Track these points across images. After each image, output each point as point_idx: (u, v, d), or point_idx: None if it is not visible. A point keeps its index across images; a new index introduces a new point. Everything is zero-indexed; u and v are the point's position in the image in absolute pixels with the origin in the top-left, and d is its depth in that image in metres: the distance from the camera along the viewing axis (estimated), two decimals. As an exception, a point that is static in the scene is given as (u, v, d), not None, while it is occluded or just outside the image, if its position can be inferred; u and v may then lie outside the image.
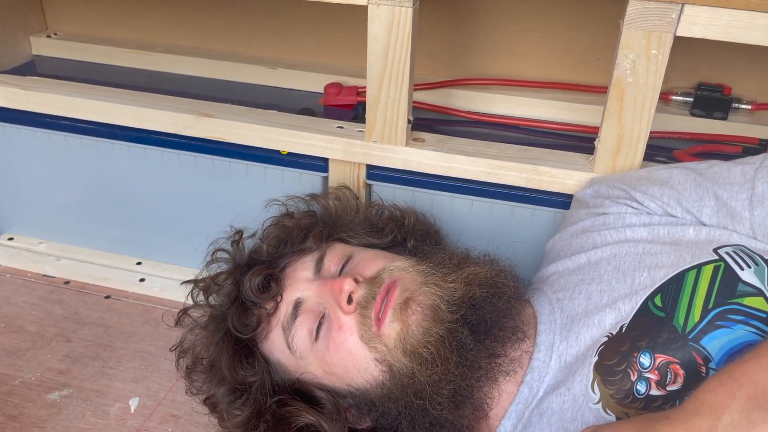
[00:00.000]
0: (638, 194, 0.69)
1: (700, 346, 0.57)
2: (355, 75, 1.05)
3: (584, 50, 1.01)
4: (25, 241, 1.10)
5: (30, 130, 0.99)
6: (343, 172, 0.89)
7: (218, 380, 0.73)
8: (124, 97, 0.94)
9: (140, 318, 0.98)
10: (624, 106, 0.75)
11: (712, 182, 0.66)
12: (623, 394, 0.59)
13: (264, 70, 1.09)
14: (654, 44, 0.71)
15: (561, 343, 0.65)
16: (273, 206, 0.86)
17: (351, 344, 0.66)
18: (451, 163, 0.84)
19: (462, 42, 1.05)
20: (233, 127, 0.89)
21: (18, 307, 0.99)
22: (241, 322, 0.72)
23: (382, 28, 0.77)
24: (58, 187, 1.04)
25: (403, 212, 0.84)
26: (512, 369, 0.66)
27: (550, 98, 1.00)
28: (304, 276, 0.72)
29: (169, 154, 0.95)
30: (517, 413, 0.65)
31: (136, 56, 1.13)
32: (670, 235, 0.66)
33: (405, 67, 0.79)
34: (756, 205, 0.63)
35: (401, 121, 0.83)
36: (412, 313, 0.64)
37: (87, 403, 0.84)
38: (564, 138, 0.96)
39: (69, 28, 1.21)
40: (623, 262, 0.66)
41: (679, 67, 0.99)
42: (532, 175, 0.82)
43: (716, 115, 0.96)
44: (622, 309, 0.62)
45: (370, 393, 0.66)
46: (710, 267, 0.61)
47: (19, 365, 0.88)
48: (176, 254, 1.05)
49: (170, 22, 1.16)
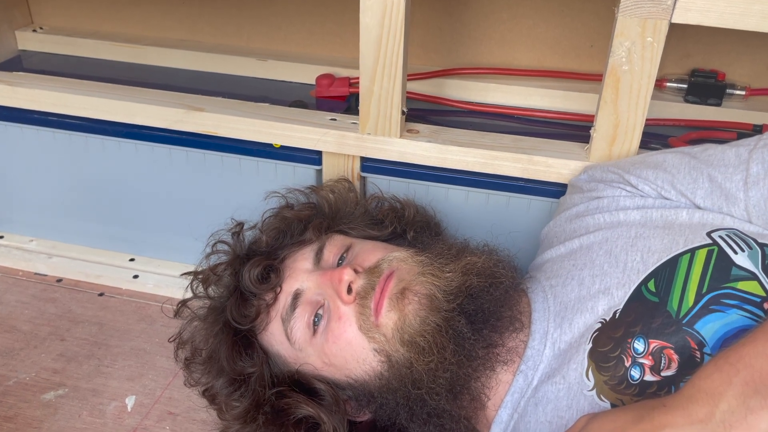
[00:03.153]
0: (632, 177, 0.69)
1: (694, 330, 0.57)
2: (346, 66, 1.04)
3: (577, 37, 1.00)
4: (15, 239, 1.09)
5: (17, 126, 0.98)
6: (337, 165, 0.89)
7: (217, 371, 0.72)
8: (113, 92, 0.93)
9: (134, 315, 0.97)
10: (619, 94, 0.74)
11: (706, 164, 0.66)
12: (617, 380, 0.58)
13: (254, 62, 1.08)
14: (649, 31, 0.70)
15: (555, 330, 0.64)
16: (269, 200, 0.84)
17: (350, 335, 0.65)
18: (445, 154, 0.83)
19: (454, 30, 1.04)
20: (224, 121, 0.88)
21: (10, 307, 0.97)
22: (239, 312, 0.71)
23: (375, 19, 0.76)
24: (48, 184, 1.03)
25: (403, 204, 0.84)
26: (509, 359, 0.65)
27: (544, 86, 1.00)
28: (303, 267, 0.71)
29: (160, 149, 0.94)
30: (513, 402, 0.65)
31: (123, 50, 1.12)
32: (663, 218, 0.65)
33: (398, 58, 0.78)
34: (751, 186, 0.62)
35: (395, 112, 0.82)
36: (408, 303, 0.64)
37: (83, 402, 0.83)
38: (559, 127, 0.95)
39: (55, 21, 1.19)
40: (615, 245, 0.65)
41: (673, 54, 0.98)
42: (527, 165, 0.81)
43: (710, 102, 0.96)
44: (615, 294, 0.62)
45: (369, 384, 0.66)
46: (704, 251, 0.60)
47: (13, 365, 0.88)
48: (170, 250, 1.04)
49: (157, 13, 1.14)
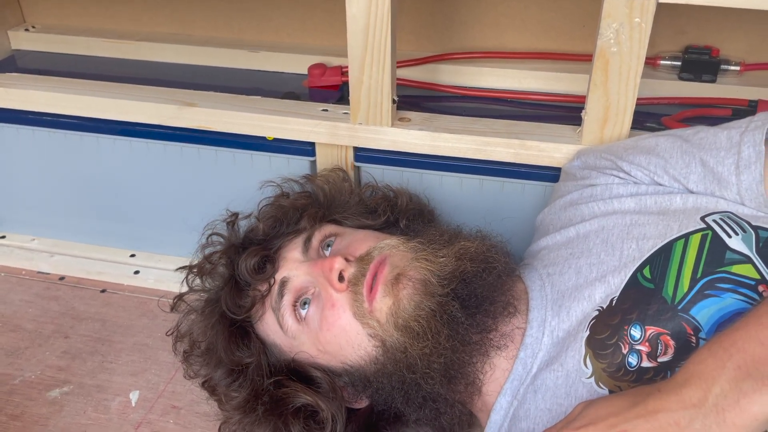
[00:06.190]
0: (625, 164, 0.69)
1: (690, 316, 0.57)
2: (338, 54, 1.03)
3: (569, 18, 0.99)
4: (17, 238, 1.10)
5: (13, 127, 0.98)
6: (330, 156, 0.89)
7: (215, 363, 0.73)
8: (106, 90, 0.93)
9: (137, 310, 0.98)
10: (609, 76, 0.74)
11: (698, 148, 0.65)
12: (615, 367, 0.59)
13: (246, 54, 1.07)
14: (637, 12, 0.69)
15: (553, 318, 0.65)
16: (264, 190, 0.85)
17: (344, 321, 0.66)
18: (438, 141, 0.83)
19: (445, 15, 1.03)
20: (217, 116, 0.88)
21: (14, 306, 0.99)
22: (234, 303, 0.72)
23: (361, 9, 0.75)
24: (46, 184, 1.04)
25: (396, 193, 0.84)
26: (503, 344, 0.66)
27: (537, 69, 0.99)
28: (292, 257, 0.72)
29: (155, 146, 0.94)
30: (512, 390, 0.65)
31: (116, 46, 1.12)
32: (657, 205, 0.65)
33: (386, 47, 0.78)
34: (743, 169, 0.62)
35: (386, 101, 0.82)
36: (403, 288, 0.64)
37: (88, 398, 0.84)
38: (553, 109, 0.95)
39: (46, 19, 1.19)
40: (611, 234, 0.65)
41: (667, 31, 0.98)
42: (519, 149, 0.81)
43: (705, 78, 0.95)
44: (612, 282, 0.62)
45: (365, 369, 0.67)
46: (698, 236, 0.60)
47: (18, 364, 0.89)
48: (169, 244, 1.05)
49: (148, 9, 1.14)
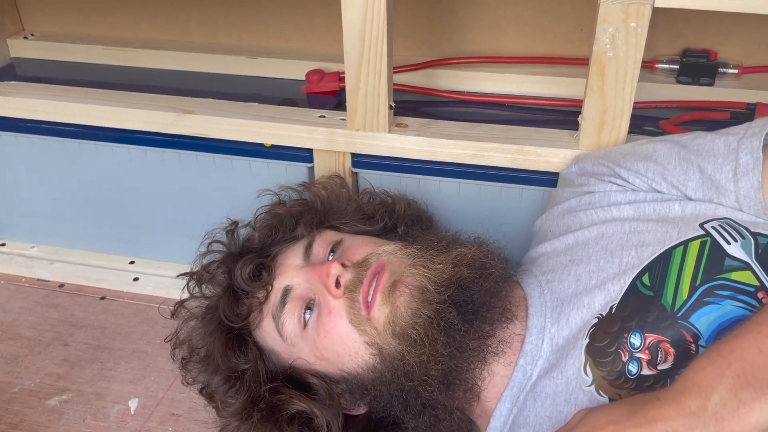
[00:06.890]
0: (623, 171, 0.69)
1: (689, 323, 0.57)
2: (336, 60, 1.03)
3: (566, 22, 0.99)
4: (17, 246, 1.10)
5: (12, 135, 0.99)
6: (328, 162, 0.89)
7: (213, 369, 0.73)
8: (104, 98, 0.93)
9: (136, 318, 0.98)
10: (605, 81, 0.73)
11: (696, 155, 0.65)
12: (615, 375, 0.58)
13: (244, 60, 1.07)
14: (632, 17, 0.69)
15: (552, 325, 0.64)
16: (262, 198, 0.85)
17: (341, 328, 0.66)
18: (435, 147, 0.83)
19: (442, 19, 1.03)
20: (215, 123, 0.88)
21: (14, 314, 0.99)
22: (232, 311, 0.72)
23: (357, 14, 0.75)
24: (46, 191, 1.04)
25: (393, 198, 0.84)
26: (501, 350, 0.66)
27: (535, 73, 0.99)
28: (293, 263, 0.72)
29: (153, 153, 0.95)
30: (512, 397, 0.65)
31: (115, 53, 1.12)
32: (656, 212, 0.65)
33: (382, 53, 0.78)
34: (741, 176, 0.62)
35: (382, 107, 0.82)
36: (400, 295, 0.64)
37: (87, 406, 0.84)
38: (551, 113, 0.95)
39: (45, 27, 1.19)
40: (610, 241, 0.65)
41: (664, 34, 0.97)
42: (517, 155, 0.81)
43: (703, 81, 0.95)
44: (611, 289, 0.62)
45: (362, 377, 0.67)
46: (697, 243, 0.60)
47: (17, 372, 0.89)
48: (168, 251, 1.05)
49: (146, 16, 1.14)
